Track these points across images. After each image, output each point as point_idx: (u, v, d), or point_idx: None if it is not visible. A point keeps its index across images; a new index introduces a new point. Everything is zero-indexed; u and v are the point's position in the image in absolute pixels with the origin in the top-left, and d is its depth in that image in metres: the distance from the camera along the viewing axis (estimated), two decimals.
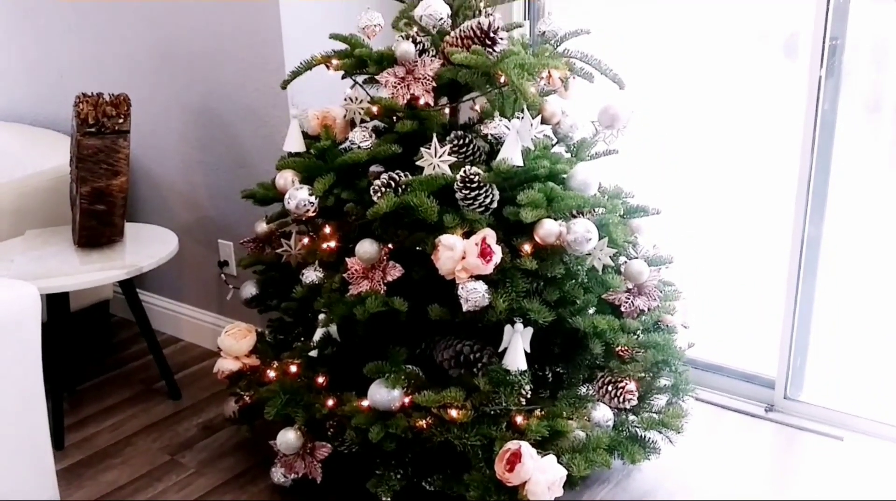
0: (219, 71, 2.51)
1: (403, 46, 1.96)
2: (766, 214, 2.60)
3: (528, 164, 1.88)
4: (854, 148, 2.46)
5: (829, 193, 2.33)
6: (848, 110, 2.43)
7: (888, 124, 3.05)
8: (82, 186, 2.26)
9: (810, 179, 2.26)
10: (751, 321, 2.59)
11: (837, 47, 2.16)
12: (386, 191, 1.90)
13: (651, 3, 2.88)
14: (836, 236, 2.43)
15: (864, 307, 2.46)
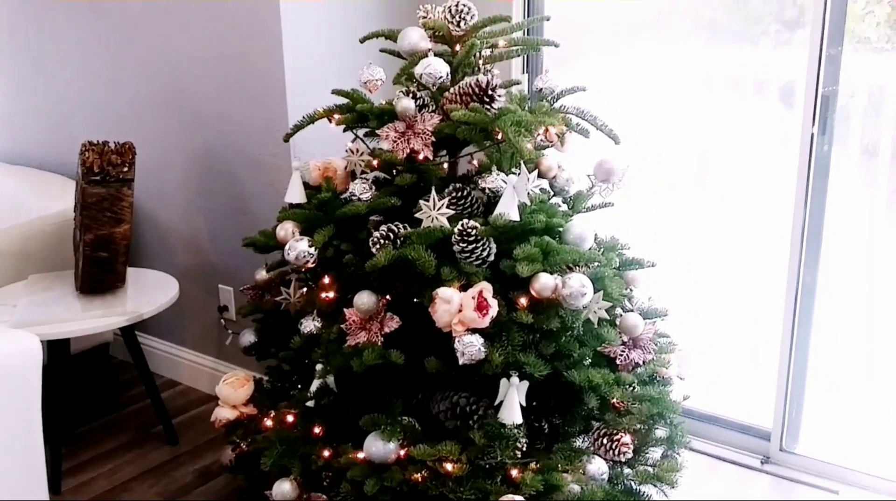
0: (223, 119, 2.56)
1: (404, 103, 2.00)
2: (762, 262, 2.63)
3: (524, 218, 1.91)
4: (849, 194, 2.49)
5: (823, 240, 2.36)
6: (842, 157, 2.47)
7: (884, 170, 3.10)
8: (86, 234, 2.29)
9: (804, 226, 2.29)
10: (747, 370, 2.60)
11: (831, 95, 2.21)
12: (385, 243, 1.93)
13: (646, 56, 2.94)
14: (831, 283, 2.46)
15: (860, 358, 2.48)
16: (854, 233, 2.75)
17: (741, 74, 3.60)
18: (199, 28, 2.53)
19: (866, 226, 2.61)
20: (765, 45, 3.50)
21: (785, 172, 2.39)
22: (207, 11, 2.49)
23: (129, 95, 2.78)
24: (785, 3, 2.94)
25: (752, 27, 3.43)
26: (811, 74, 2.17)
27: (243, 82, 2.48)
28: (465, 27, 2.05)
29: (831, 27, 2.15)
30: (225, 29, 2.47)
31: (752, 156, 2.72)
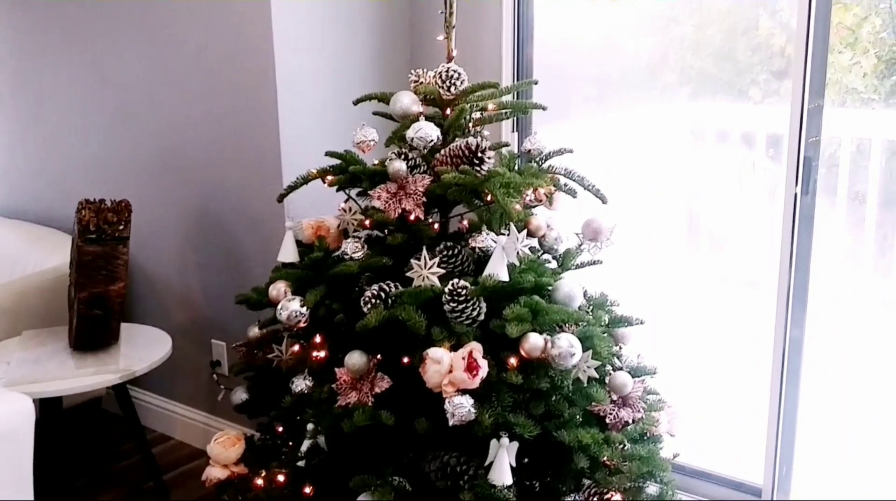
0: (219, 177, 2.61)
1: (396, 164, 2.05)
2: (751, 316, 2.66)
3: (513, 278, 1.94)
4: (836, 245, 2.53)
5: (810, 294, 2.39)
6: (829, 207, 2.51)
7: (872, 218, 3.15)
8: (80, 292, 2.31)
9: (790, 281, 2.31)
10: (737, 425, 2.61)
11: (814, 147, 2.24)
12: (376, 302, 1.96)
13: (634, 110, 3.01)
14: (820, 336, 2.48)
15: (850, 412, 2.49)
16: (842, 284, 2.79)
17: (729, 127, 3.68)
18: (196, 88, 2.59)
19: (854, 276, 2.65)
20: (754, 94, 3.59)
21: (772, 225, 2.43)
22: (204, 73, 2.55)
23: (127, 152, 2.83)
24: (773, 54, 3.01)
25: (741, 77, 3.52)
26: (794, 127, 2.21)
27: (239, 141, 2.53)
28: (456, 92, 2.10)
29: (813, 80, 2.21)
30: (221, 89, 2.53)
31: (739, 209, 2.77)
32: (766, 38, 3.52)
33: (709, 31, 3.65)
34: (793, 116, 2.22)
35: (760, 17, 3.49)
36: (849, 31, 3.45)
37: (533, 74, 2.70)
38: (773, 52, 3.17)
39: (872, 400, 2.53)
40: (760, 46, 3.52)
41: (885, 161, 3.41)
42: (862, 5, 3.33)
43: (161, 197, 2.77)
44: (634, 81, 3.21)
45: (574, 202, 2.22)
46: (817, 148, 2.27)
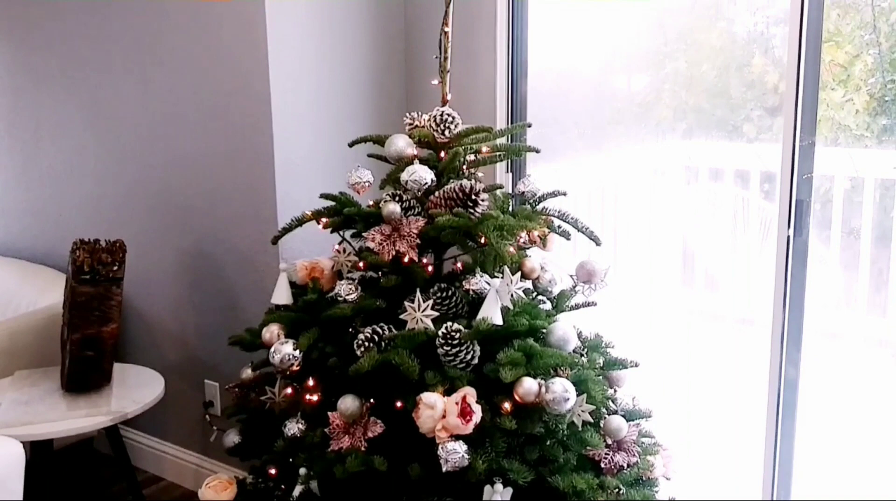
0: (214, 217, 2.61)
1: (390, 207, 2.05)
2: (746, 355, 2.65)
3: (507, 321, 1.94)
4: (830, 282, 2.53)
5: (804, 334, 2.38)
6: (824, 243, 2.51)
7: (866, 254, 3.15)
8: (73, 333, 2.30)
9: (784, 319, 2.31)
10: (733, 465, 2.60)
11: (806, 185, 2.26)
12: (369, 346, 1.95)
13: (629, 148, 3.02)
14: (815, 374, 2.47)
15: (846, 450, 2.48)
16: (837, 322, 2.78)
17: (723, 164, 3.71)
18: (193, 128, 2.60)
19: (850, 314, 2.65)
20: (748, 130, 3.61)
21: (767, 263, 2.43)
22: (201, 113, 2.57)
23: (123, 191, 2.83)
24: (766, 90, 3.04)
25: (735, 113, 3.55)
26: (786, 166, 2.23)
27: (234, 181, 2.54)
28: (450, 135, 2.11)
29: (804, 117, 2.23)
30: (218, 130, 2.55)
31: (734, 247, 2.78)
32: (759, 75, 3.56)
33: (703, 68, 3.69)
34: (784, 154, 2.24)
35: (754, 55, 3.54)
36: (841, 69, 3.49)
37: (527, 114, 2.72)
38: (767, 89, 3.21)
39: (868, 439, 2.52)
40: (754, 83, 3.55)
41: (879, 198, 3.43)
42: (853, 43, 3.37)
43: (156, 236, 2.78)
44: (629, 116, 3.24)
45: (569, 242, 2.23)
46: (810, 187, 2.28)
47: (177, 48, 2.58)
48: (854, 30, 3.44)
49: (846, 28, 3.50)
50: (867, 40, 3.40)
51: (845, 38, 3.50)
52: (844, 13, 3.44)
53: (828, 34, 3.53)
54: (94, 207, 2.93)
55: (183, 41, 2.56)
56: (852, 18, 3.44)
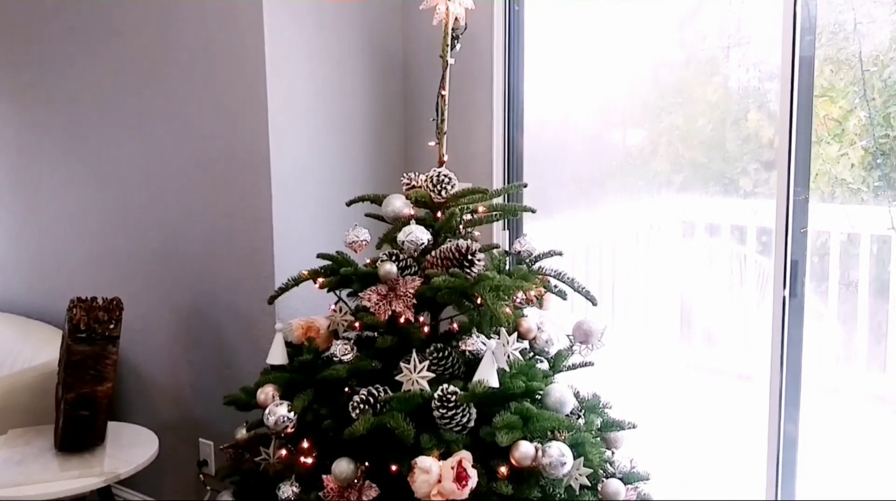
0: (211, 275, 2.62)
1: (386, 267, 2.06)
2: (745, 411, 2.64)
3: (504, 384, 1.93)
4: (827, 338, 2.53)
5: (802, 391, 2.37)
6: (819, 299, 2.51)
7: (864, 306, 3.14)
8: (67, 392, 2.29)
9: (782, 377, 2.30)
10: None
11: (800, 240, 2.26)
12: (364, 408, 1.94)
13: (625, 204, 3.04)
14: (814, 433, 2.45)
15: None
16: (836, 378, 2.77)
17: (720, 219, 3.73)
18: (191, 187, 2.62)
19: (849, 368, 2.63)
20: (745, 184, 3.64)
21: (764, 318, 2.42)
22: (200, 172, 2.59)
23: (121, 248, 2.85)
24: (762, 145, 3.08)
25: (731, 166, 3.58)
26: (780, 224, 2.24)
27: (232, 240, 2.55)
28: (447, 195, 2.13)
29: (798, 172, 2.25)
30: (216, 189, 2.57)
31: (731, 302, 2.78)
32: (754, 129, 3.60)
33: (699, 122, 3.74)
34: (779, 209, 2.25)
35: (749, 109, 3.58)
36: (835, 123, 3.53)
37: (524, 171, 2.75)
38: (762, 143, 3.25)
39: (870, 496, 2.48)
40: (750, 137, 3.59)
41: (877, 250, 3.44)
42: (847, 98, 3.42)
43: (153, 293, 2.78)
44: (626, 169, 3.27)
45: (568, 299, 2.23)
46: (804, 245, 2.29)
47: (178, 108, 2.62)
48: (847, 85, 3.49)
49: (840, 83, 3.56)
50: (860, 96, 3.45)
51: (839, 94, 3.55)
52: (837, 69, 3.50)
53: (822, 89, 3.59)
54: (94, 263, 2.94)
55: (184, 101, 2.60)
56: (845, 74, 3.50)
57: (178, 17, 2.57)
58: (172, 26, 2.58)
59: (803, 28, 2.25)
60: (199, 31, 2.53)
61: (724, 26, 3.56)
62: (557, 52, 3.00)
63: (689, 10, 3.54)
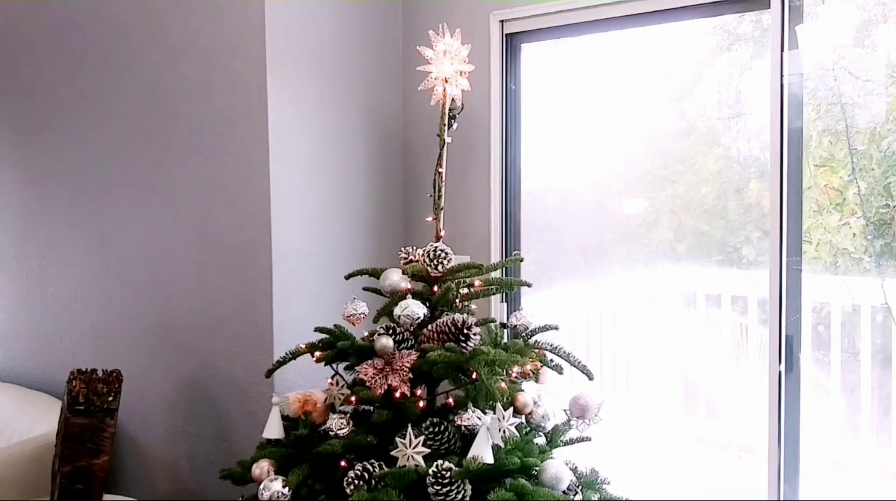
0: (211, 346, 2.63)
1: (382, 341, 2.08)
2: (747, 484, 2.60)
3: (499, 460, 1.92)
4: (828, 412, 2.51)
5: (801, 467, 2.34)
6: (819, 373, 2.50)
7: (866, 375, 3.12)
8: (64, 465, 2.28)
9: (780, 456, 2.28)
10: None
11: (796, 321, 2.27)
12: (359, 483, 1.93)
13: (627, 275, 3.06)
14: None
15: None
16: (841, 451, 2.73)
17: (721, 290, 3.74)
18: (192, 261, 2.66)
19: (853, 443, 2.61)
20: (747, 252, 3.66)
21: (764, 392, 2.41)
22: (201, 245, 2.63)
23: (123, 319, 2.87)
24: (764, 213, 3.11)
25: (734, 234, 3.61)
26: (774, 296, 2.25)
27: (231, 312, 2.58)
28: (443, 270, 2.16)
29: (790, 242, 2.28)
30: (216, 262, 2.60)
31: (733, 374, 2.77)
32: (756, 198, 3.64)
33: (701, 191, 3.78)
34: (772, 280, 2.26)
35: (750, 179, 3.63)
36: (836, 193, 3.56)
37: (521, 241, 2.78)
38: (764, 212, 3.29)
39: None
40: (752, 206, 3.63)
41: (881, 319, 3.44)
42: (847, 168, 3.46)
43: (153, 364, 2.79)
44: (629, 239, 3.30)
45: (564, 378, 2.24)
46: (799, 319, 2.29)
47: (181, 184, 2.68)
48: (846, 156, 3.54)
49: (839, 154, 3.61)
50: (852, 169, 3.50)
51: (839, 164, 3.60)
52: (836, 140, 3.56)
53: (822, 160, 3.64)
54: (95, 334, 2.96)
55: (186, 178, 2.66)
56: (844, 145, 3.55)
57: (183, 96, 2.64)
58: (176, 106, 2.66)
59: (791, 102, 2.31)
60: (202, 110, 2.60)
61: (723, 98, 3.64)
62: (557, 123, 3.07)
63: (689, 82, 3.63)
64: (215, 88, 2.57)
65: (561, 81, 3.02)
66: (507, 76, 2.67)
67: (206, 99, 2.59)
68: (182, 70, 2.64)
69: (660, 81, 3.40)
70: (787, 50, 2.28)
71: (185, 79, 2.64)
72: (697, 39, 3.30)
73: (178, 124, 2.67)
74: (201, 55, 2.59)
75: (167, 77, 2.68)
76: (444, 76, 2.20)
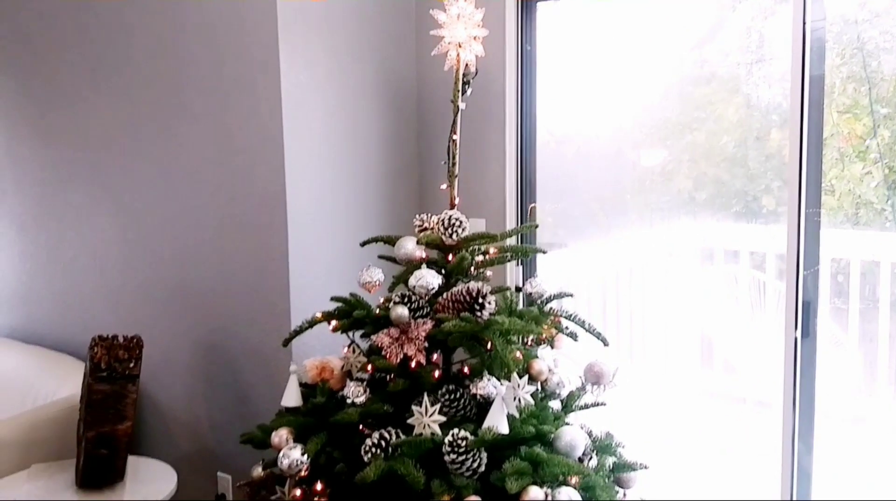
0: (229, 311, 2.65)
1: (398, 310, 2.08)
2: (761, 442, 2.62)
3: (514, 429, 1.94)
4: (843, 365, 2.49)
5: (815, 428, 2.35)
6: (839, 317, 2.48)
7: (885, 320, 3.09)
8: (88, 431, 2.34)
9: (794, 425, 2.28)
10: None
11: (813, 279, 2.25)
12: (376, 451, 1.96)
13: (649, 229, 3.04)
14: (832, 465, 2.43)
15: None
16: (854, 408, 2.74)
17: (739, 246, 3.70)
18: (210, 225, 2.67)
19: (869, 397, 2.61)
20: (767, 202, 3.62)
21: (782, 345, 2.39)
22: (218, 209, 2.64)
23: (142, 282, 2.89)
24: (785, 161, 3.08)
25: (754, 183, 3.56)
26: (792, 250, 2.21)
27: (250, 278, 2.59)
28: (457, 238, 2.15)
29: (809, 192, 2.23)
30: (234, 227, 2.61)
31: (750, 330, 2.77)
32: (777, 147, 3.58)
33: (722, 140, 3.72)
34: (790, 236, 2.21)
35: (772, 127, 3.56)
36: (860, 140, 3.49)
37: (537, 195, 2.74)
38: (785, 160, 3.25)
39: None
40: (772, 155, 3.57)
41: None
42: (871, 116, 3.38)
43: (172, 328, 2.82)
44: (648, 188, 3.26)
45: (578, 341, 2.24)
46: (816, 283, 2.27)
47: (196, 149, 2.66)
48: (872, 103, 3.46)
49: (864, 100, 3.53)
50: (884, 113, 3.43)
51: (863, 111, 3.52)
52: (860, 87, 3.47)
53: (845, 107, 3.56)
54: (115, 297, 3.00)
55: (202, 143, 2.64)
56: (868, 92, 3.46)
57: (195, 63, 2.61)
58: (191, 70, 2.63)
59: (813, 48, 2.21)
60: (216, 76, 2.57)
61: (746, 44, 3.54)
62: (574, 75, 3.00)
63: (711, 28, 3.53)
64: (228, 56, 2.53)
65: (578, 39, 2.94)
66: (523, 37, 2.60)
67: (220, 67, 2.56)
68: (194, 35, 2.61)
69: (681, 28, 3.31)
70: None
71: (197, 44, 2.60)
72: None
73: (191, 91, 2.65)
74: (213, 19, 2.55)
75: (179, 43, 2.65)
76: (457, 41, 2.15)
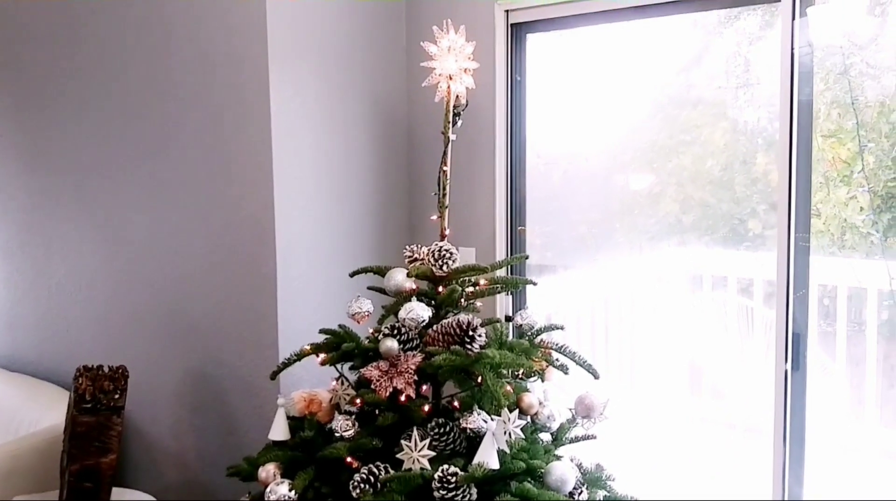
0: (217, 341, 2.63)
1: (387, 343, 2.07)
2: (751, 467, 2.61)
3: (504, 464, 1.93)
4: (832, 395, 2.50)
5: (805, 460, 2.35)
6: (827, 342, 2.49)
7: (871, 344, 3.11)
8: (72, 464, 2.30)
9: (786, 454, 2.28)
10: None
11: (800, 300, 2.26)
12: (365, 487, 1.94)
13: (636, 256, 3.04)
14: (823, 494, 2.43)
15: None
16: (842, 434, 2.74)
17: (726, 272, 3.71)
18: (199, 255, 2.65)
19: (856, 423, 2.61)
20: (753, 226, 3.63)
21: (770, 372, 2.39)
22: (207, 239, 2.62)
23: (129, 310, 2.87)
24: (771, 185, 3.09)
25: (740, 206, 3.57)
26: (781, 274, 2.23)
27: (238, 308, 2.57)
28: (448, 270, 2.14)
29: (798, 216, 2.25)
30: (222, 256, 2.59)
31: (738, 356, 2.77)
32: (763, 171, 3.60)
33: (707, 163, 3.74)
34: (780, 261, 2.23)
35: (758, 151, 3.58)
36: (845, 165, 3.52)
37: (526, 219, 2.74)
38: (771, 185, 3.26)
39: None
40: (758, 179, 3.59)
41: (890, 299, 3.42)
42: (855, 141, 3.41)
43: (159, 357, 2.79)
44: (635, 211, 3.27)
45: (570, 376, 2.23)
46: (805, 313, 2.27)
47: (185, 176, 2.65)
48: (854, 127, 3.48)
49: (847, 125, 3.55)
50: (868, 138, 3.45)
51: (847, 135, 3.55)
52: (845, 112, 3.50)
53: (830, 131, 3.58)
54: (101, 324, 2.96)
55: (191, 170, 2.63)
56: (852, 117, 3.49)
57: (185, 88, 2.61)
58: (181, 96, 2.62)
59: (801, 72, 2.25)
60: (205, 105, 2.57)
61: (731, 68, 3.57)
62: (562, 101, 3.02)
63: (697, 52, 3.56)
64: (219, 81, 2.53)
65: (567, 66, 2.96)
66: (513, 67, 2.61)
67: (210, 93, 2.55)
68: (184, 62, 2.60)
69: (667, 53, 3.33)
70: (797, 18, 2.21)
71: (187, 71, 2.60)
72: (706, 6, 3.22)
73: (180, 119, 2.64)
74: (203, 46, 2.55)
75: (169, 69, 2.64)
76: (448, 73, 2.15)
